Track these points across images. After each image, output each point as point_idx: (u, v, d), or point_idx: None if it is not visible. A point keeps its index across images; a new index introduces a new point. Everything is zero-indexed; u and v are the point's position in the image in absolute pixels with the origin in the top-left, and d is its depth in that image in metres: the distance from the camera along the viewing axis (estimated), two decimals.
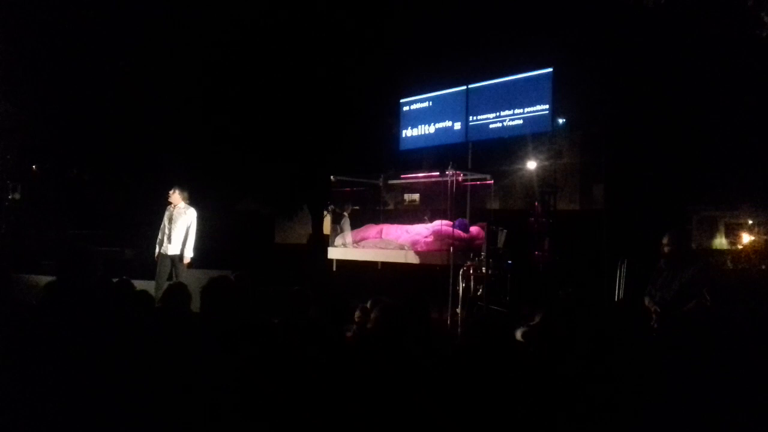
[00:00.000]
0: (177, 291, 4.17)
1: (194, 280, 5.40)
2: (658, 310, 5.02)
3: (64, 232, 11.83)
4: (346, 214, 9.23)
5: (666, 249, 5.24)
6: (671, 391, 3.09)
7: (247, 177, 14.25)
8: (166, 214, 8.24)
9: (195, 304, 4.03)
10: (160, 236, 8.21)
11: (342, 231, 8.99)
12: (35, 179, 14.17)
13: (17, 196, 12.84)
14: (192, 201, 8.36)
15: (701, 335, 4.35)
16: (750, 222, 14.31)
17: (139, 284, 4.78)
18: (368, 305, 4.31)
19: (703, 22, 9.11)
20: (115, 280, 4.63)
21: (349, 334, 4.02)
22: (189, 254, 8.11)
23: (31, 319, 3.57)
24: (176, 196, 8.24)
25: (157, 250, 8.18)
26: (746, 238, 14.02)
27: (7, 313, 3.88)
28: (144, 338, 3.35)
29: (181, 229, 8.15)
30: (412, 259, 7.73)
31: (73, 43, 12.31)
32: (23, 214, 12.73)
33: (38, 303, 3.87)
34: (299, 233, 16.74)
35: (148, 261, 8.41)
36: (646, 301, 5.21)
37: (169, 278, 7.99)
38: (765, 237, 12.88)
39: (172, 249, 8.09)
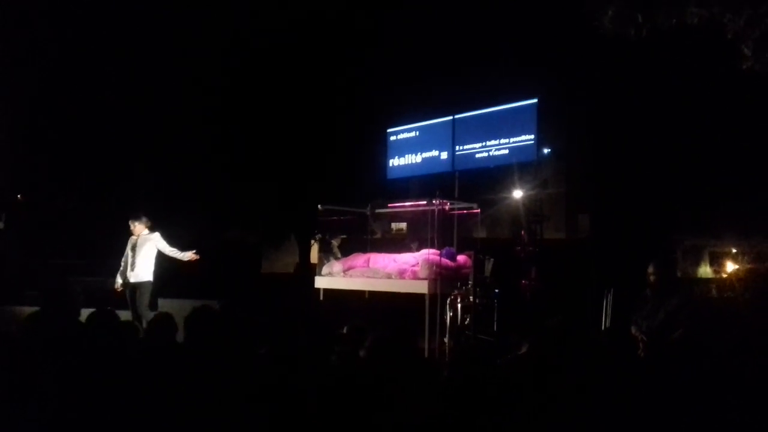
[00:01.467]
0: (163, 321, 4.12)
1: (180, 310, 5.35)
2: (645, 338, 5.03)
3: (47, 262, 11.71)
4: (334, 243, 9.22)
5: (651, 278, 5.27)
6: (659, 419, 3.08)
7: (234, 205, 14.23)
8: (129, 243, 8.26)
9: (181, 335, 3.99)
10: (123, 266, 8.23)
11: (330, 260, 8.97)
12: (20, 208, 14.06)
13: (1, 225, 12.73)
14: (177, 228, 8.39)
15: (688, 364, 4.36)
16: (734, 250, 14.43)
17: (124, 315, 4.73)
18: (344, 332, 4.30)
19: (685, 55, 9.30)
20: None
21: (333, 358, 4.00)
22: (188, 255, 8.22)
23: (13, 351, 3.51)
24: (138, 227, 8.26)
25: (119, 280, 8.21)
26: (730, 266, 14.12)
27: None
28: (128, 370, 3.31)
29: (146, 255, 8.20)
30: (400, 288, 7.72)
31: (57, 71, 12.33)
32: (7, 243, 12.60)
33: (20, 334, 3.82)
34: (286, 262, 16.64)
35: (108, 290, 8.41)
36: (633, 329, 5.22)
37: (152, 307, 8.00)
38: (749, 265, 12.98)
39: (134, 277, 8.12)
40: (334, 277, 8.60)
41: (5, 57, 11.55)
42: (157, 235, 8.30)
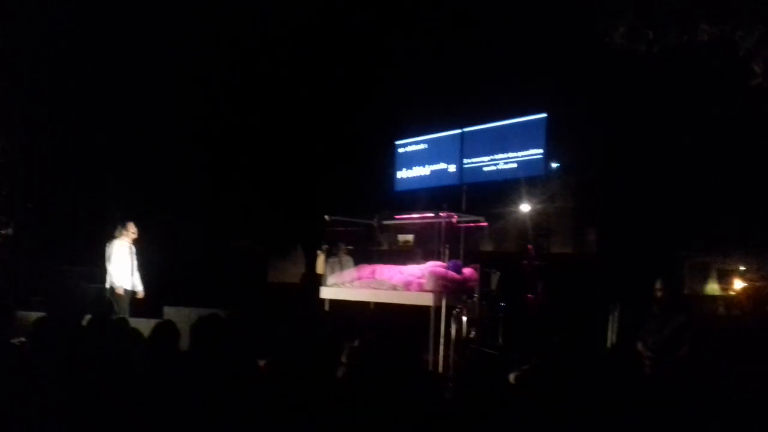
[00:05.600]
0: (165, 329, 4.12)
1: (184, 318, 5.36)
2: (651, 355, 5.00)
3: (55, 269, 11.75)
4: (342, 253, 9.24)
5: (658, 294, 5.24)
6: None
7: (241, 215, 14.27)
8: (129, 250, 8.16)
9: (183, 342, 3.99)
10: (125, 273, 8.09)
11: (340, 269, 8.98)
12: (29, 216, 14.14)
13: (9, 231, 12.78)
14: (183, 237, 8.40)
15: (694, 381, 4.33)
16: (742, 268, 14.35)
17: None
18: (356, 344, 4.27)
19: (696, 71, 9.29)
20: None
21: (339, 375, 3.98)
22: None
23: (20, 355, 3.53)
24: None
25: (127, 287, 8.09)
26: (738, 284, 14.03)
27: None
28: (131, 376, 3.31)
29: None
30: (405, 299, 7.69)
31: (68, 80, 12.42)
32: (15, 250, 12.65)
33: (27, 340, 3.83)
34: (292, 272, 16.67)
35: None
36: (639, 346, 5.19)
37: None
38: (756, 283, 12.89)
39: (137, 284, 8.13)
40: (340, 287, 8.59)
41: (11, 66, 11.64)
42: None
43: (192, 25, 12.19)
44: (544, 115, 8.28)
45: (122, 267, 8.12)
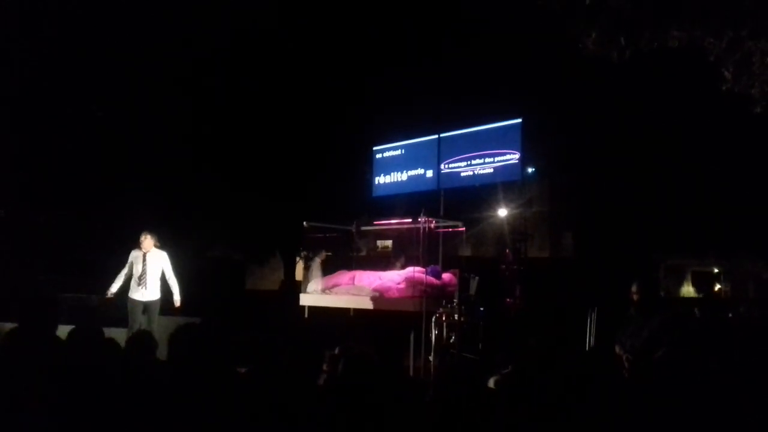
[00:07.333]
0: (142, 339, 4.07)
1: (162, 328, 5.31)
2: (630, 357, 5.04)
3: (30, 278, 11.56)
4: (317, 260, 9.21)
5: (635, 297, 5.30)
6: None
7: (220, 222, 14.17)
8: (138, 259, 8.05)
9: (161, 352, 3.94)
10: (132, 283, 7.97)
11: (313, 276, 8.95)
12: (2, 224, 13.90)
13: None
14: (163, 246, 8.27)
15: (672, 383, 4.37)
16: (716, 270, 14.56)
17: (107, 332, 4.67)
18: (336, 352, 4.26)
19: (667, 77, 9.44)
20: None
21: (320, 382, 3.96)
22: (179, 297, 8.05)
23: None
24: (149, 242, 8.09)
25: (113, 290, 7.97)
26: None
27: None
28: (108, 387, 3.27)
29: (157, 273, 8.02)
30: (385, 305, 7.70)
31: (40, 86, 12.23)
32: None
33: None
34: (271, 279, 16.59)
35: (118, 305, 8.20)
36: (617, 348, 5.23)
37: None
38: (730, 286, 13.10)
39: (148, 295, 7.93)
40: (319, 294, 8.56)
41: None
42: (165, 254, 8.11)
43: (164, 28, 12.08)
44: (519, 120, 8.34)
45: (127, 276, 8.04)
